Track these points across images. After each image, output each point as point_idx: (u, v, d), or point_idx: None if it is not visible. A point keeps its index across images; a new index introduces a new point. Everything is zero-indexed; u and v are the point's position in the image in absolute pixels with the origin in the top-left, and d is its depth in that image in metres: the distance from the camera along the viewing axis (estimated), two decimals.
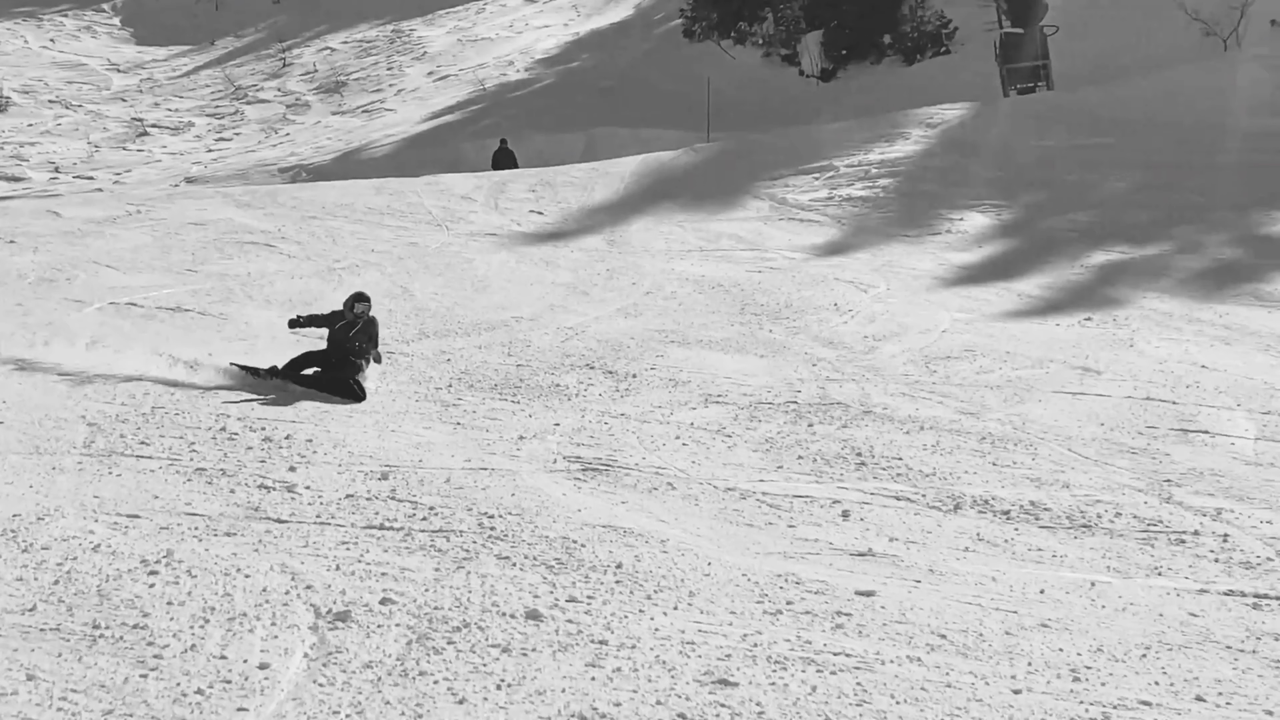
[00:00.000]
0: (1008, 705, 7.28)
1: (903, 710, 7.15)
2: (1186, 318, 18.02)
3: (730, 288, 20.38)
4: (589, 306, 19.49)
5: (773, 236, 24.43)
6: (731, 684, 7.39)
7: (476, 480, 11.51)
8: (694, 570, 9.36)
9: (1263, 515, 10.81)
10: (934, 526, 10.70)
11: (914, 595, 9.04)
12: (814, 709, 7.13)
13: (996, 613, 8.77)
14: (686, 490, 11.57)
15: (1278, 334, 16.99)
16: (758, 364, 16.12)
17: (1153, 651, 8.17)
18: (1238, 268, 20.77)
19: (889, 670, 7.69)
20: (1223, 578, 9.58)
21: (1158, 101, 30.86)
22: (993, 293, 19.99)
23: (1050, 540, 10.40)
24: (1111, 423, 13.48)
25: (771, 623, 8.41)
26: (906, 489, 11.62)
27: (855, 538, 10.39)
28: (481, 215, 26.67)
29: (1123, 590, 9.34)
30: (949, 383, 15.08)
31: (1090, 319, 18.09)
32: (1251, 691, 7.64)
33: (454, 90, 48.44)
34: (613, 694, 7.24)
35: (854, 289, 20.16)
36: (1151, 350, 16.31)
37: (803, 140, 31.70)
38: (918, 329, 17.67)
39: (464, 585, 8.89)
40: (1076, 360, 15.88)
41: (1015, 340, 17.04)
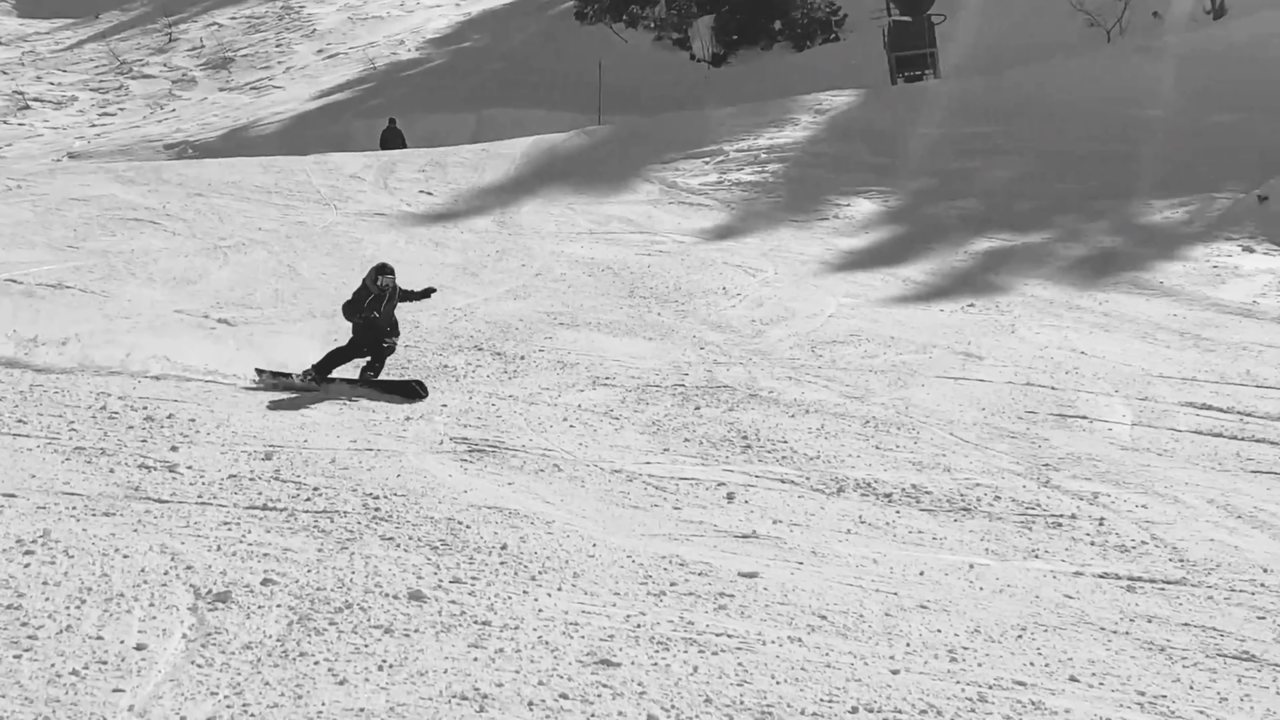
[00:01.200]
0: (885, 685, 7.36)
1: (783, 690, 7.21)
2: (1067, 305, 18.32)
3: (620, 271, 20.41)
4: (478, 288, 19.43)
5: (662, 220, 24.50)
6: (614, 664, 7.42)
7: (362, 461, 11.43)
8: (579, 552, 9.37)
9: (1138, 500, 11.02)
10: (817, 509, 10.80)
11: (796, 577, 9.12)
12: (695, 689, 7.17)
13: (877, 594, 8.87)
14: (573, 472, 11.57)
15: (1155, 321, 17.33)
16: (646, 347, 16.16)
17: (1028, 632, 8.30)
18: (1117, 256, 21.15)
19: (770, 651, 7.75)
20: (1098, 561, 9.76)
21: (1042, 91, 31.31)
22: (879, 278, 20.20)
23: (931, 523, 10.53)
24: (992, 408, 13.68)
25: (655, 604, 8.44)
26: (791, 472, 11.71)
27: (740, 520, 10.45)
28: (370, 195, 26.48)
29: (1000, 572, 9.48)
30: (834, 367, 15.21)
31: (973, 305, 18.34)
32: (1124, 672, 7.79)
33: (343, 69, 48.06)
34: (495, 675, 7.24)
35: (742, 273, 20.27)
36: (1032, 336, 16.56)
37: (693, 124, 31.80)
38: (804, 313, 17.81)
39: (347, 566, 8.83)
40: (959, 346, 16.09)
41: (900, 325, 17.24)
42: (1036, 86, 31.83)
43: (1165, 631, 8.42)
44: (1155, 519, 10.55)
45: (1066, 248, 21.81)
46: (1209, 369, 15.00)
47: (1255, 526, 10.39)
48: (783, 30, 44.49)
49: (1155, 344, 16.25)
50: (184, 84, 47.98)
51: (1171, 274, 19.97)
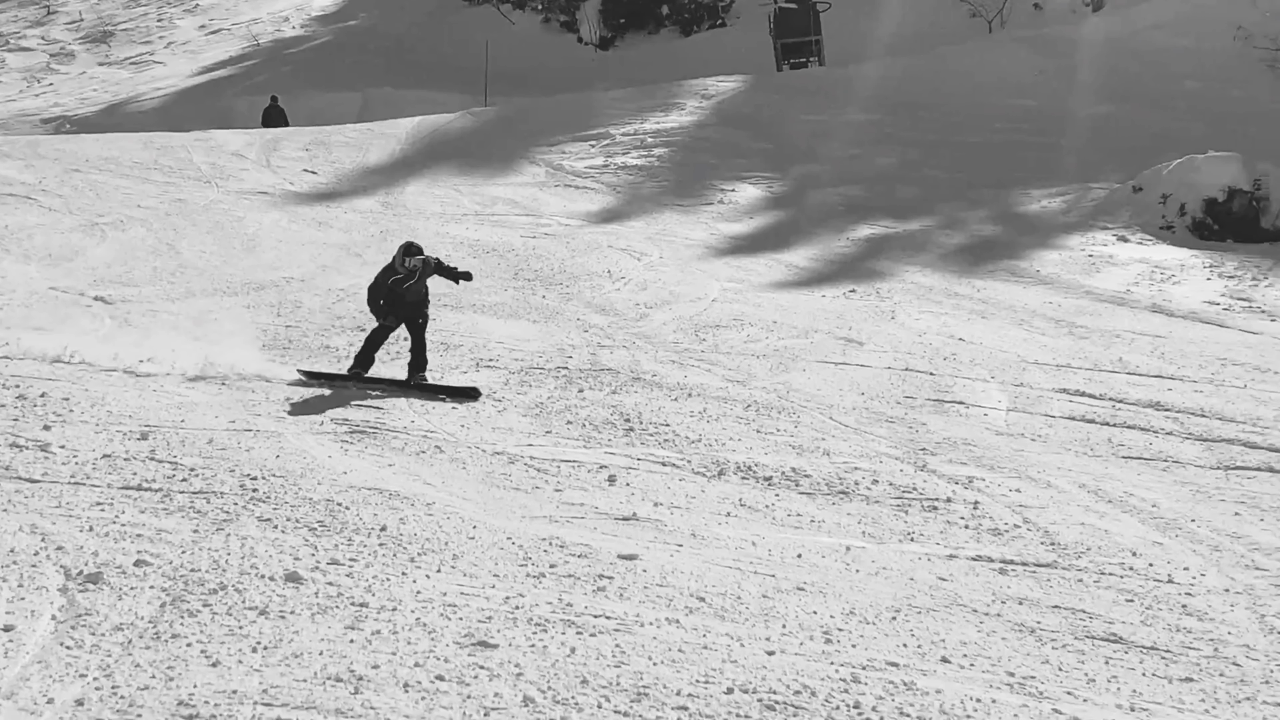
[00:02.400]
0: (761, 666, 7.43)
1: (659, 671, 7.25)
2: (946, 291, 18.55)
3: (505, 253, 20.36)
4: (361, 268, 19.24)
5: (548, 203, 24.47)
6: (491, 646, 7.41)
7: (240, 441, 11.31)
8: (459, 533, 9.35)
9: (1012, 484, 11.19)
10: (698, 492, 10.86)
11: (675, 559, 9.16)
12: (572, 670, 7.19)
13: (755, 576, 8.94)
14: (454, 454, 11.54)
15: (1031, 309, 17.60)
16: (530, 329, 16.14)
17: (902, 614, 8.41)
18: (995, 244, 21.46)
19: (647, 632, 7.79)
20: (972, 544, 9.90)
21: (925, 80, 31.65)
22: (762, 263, 20.32)
23: (809, 506, 10.63)
24: (871, 392, 13.82)
25: (534, 586, 8.45)
26: (673, 455, 11.76)
27: (621, 502, 10.48)
28: (253, 173, 26.16)
29: (876, 555, 9.59)
30: (717, 351, 15.29)
31: (854, 291, 18.51)
32: (995, 653, 7.92)
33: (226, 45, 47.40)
34: (371, 656, 7.21)
35: (627, 257, 20.30)
36: (912, 322, 16.75)
37: (580, 108, 31.76)
38: (688, 297, 17.88)
39: (223, 547, 8.74)
40: (840, 331, 16.23)
41: (782, 310, 17.36)
42: (919, 75, 32.15)
43: (1036, 613, 8.57)
44: (1028, 503, 10.73)
45: (946, 235, 22.09)
46: (1083, 356, 15.27)
47: (1125, 511, 10.59)
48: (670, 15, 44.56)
49: (1031, 331, 16.50)
50: (62, 58, 47.05)
51: (1048, 262, 20.29)
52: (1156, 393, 13.80)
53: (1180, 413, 13.14)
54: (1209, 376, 14.44)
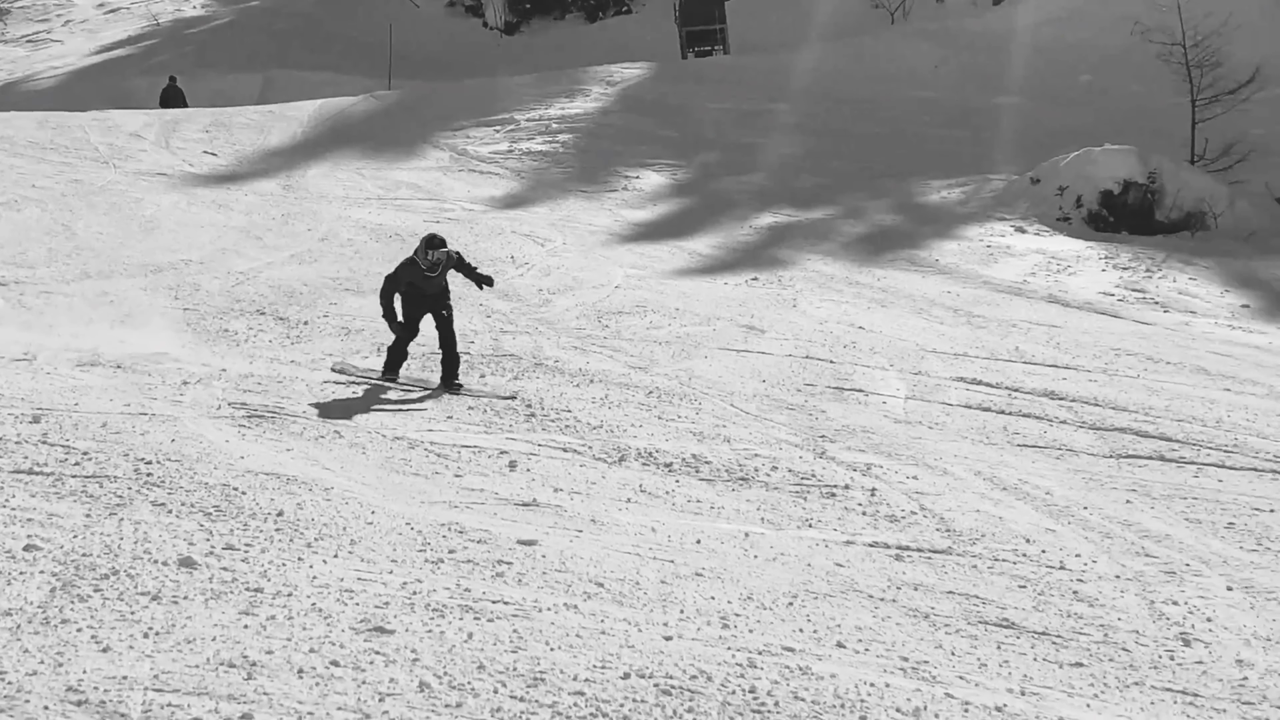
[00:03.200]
0: (658, 651, 7.45)
1: (556, 656, 7.26)
2: (847, 280, 18.68)
3: (408, 237, 20.22)
4: (262, 252, 19.12)
5: (452, 187, 24.38)
6: (388, 631, 7.38)
7: (135, 425, 11.17)
8: (357, 518, 9.30)
9: (909, 471, 11.30)
10: (599, 478, 10.86)
11: (575, 545, 9.17)
12: (469, 655, 7.17)
13: (654, 562, 8.97)
14: (354, 439, 11.47)
15: (930, 298, 17.77)
16: None
17: (799, 600, 8.47)
18: (896, 234, 21.64)
19: (546, 617, 7.79)
20: (869, 530, 9.99)
21: (828, 70, 31.85)
22: (665, 250, 20.37)
23: (709, 492, 10.67)
24: (772, 380, 13.89)
25: (432, 571, 8.42)
26: (574, 441, 11.76)
27: (521, 488, 10.47)
28: (151, 154, 25.84)
29: (775, 541, 9.65)
30: (619, 337, 15.30)
31: (757, 279, 18.60)
32: (889, 638, 8.00)
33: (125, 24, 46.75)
34: (265, 642, 7.14)
35: (531, 242, 20.27)
36: (813, 311, 16.86)
37: (484, 92, 31.66)
38: (591, 284, 17.88)
39: (115, 532, 8.63)
40: (742, 319, 16.30)
41: (685, 297, 17.40)
42: (822, 65, 32.35)
43: (930, 599, 8.66)
44: (925, 490, 10.84)
45: (848, 225, 22.25)
46: (980, 345, 15.44)
47: (1019, 498, 10.72)
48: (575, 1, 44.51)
49: (930, 320, 16.66)
50: None
51: (947, 252, 20.50)
52: (1051, 382, 13.99)
53: (1074, 402, 13.32)
54: (1103, 366, 14.65)
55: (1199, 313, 17.72)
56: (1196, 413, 12.96)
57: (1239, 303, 18.26)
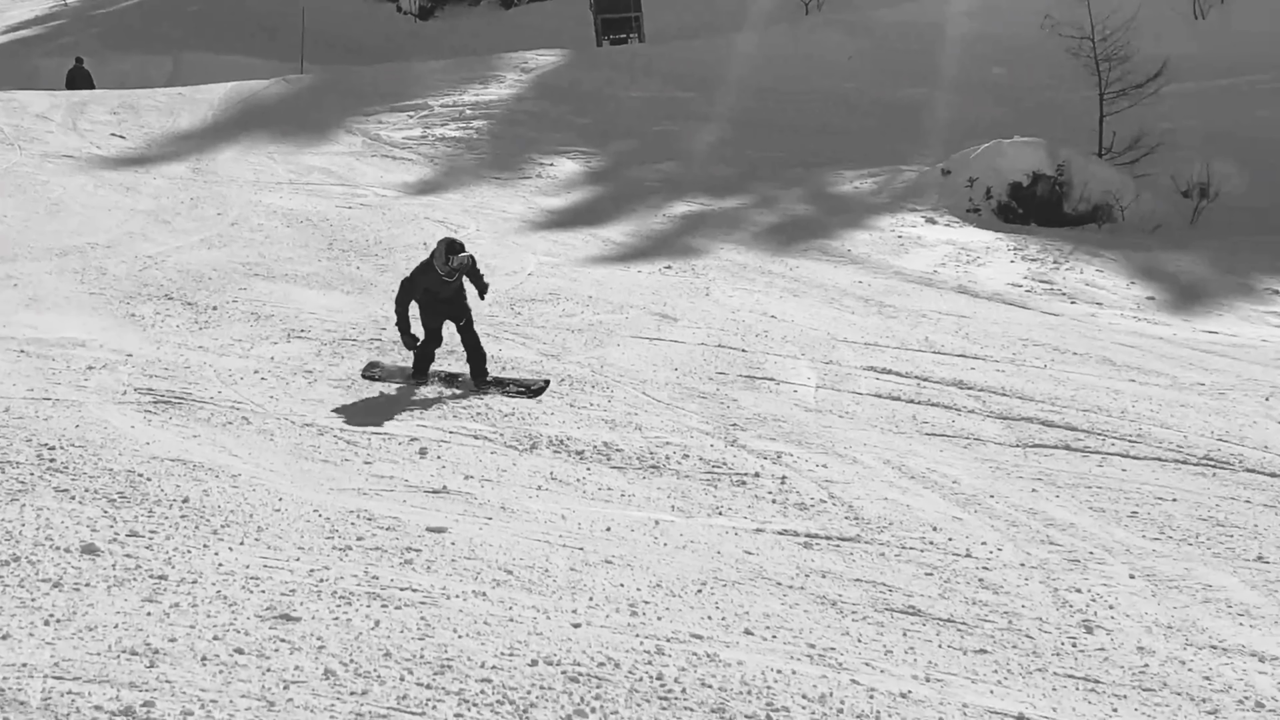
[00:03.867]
0: (566, 639, 7.46)
1: (464, 644, 7.24)
2: (759, 269, 18.74)
3: (319, 222, 20.10)
4: (170, 236, 18.89)
5: (364, 173, 24.22)
6: (294, 619, 7.33)
7: (39, 410, 11.02)
8: (264, 505, 9.23)
9: (819, 459, 11.36)
10: (509, 465, 10.85)
11: (484, 532, 9.15)
12: (375, 643, 7.15)
13: (564, 549, 8.97)
14: (262, 425, 11.38)
15: (842, 288, 17.86)
16: (344, 300, 15.96)
17: (708, 587, 8.50)
18: (808, 223, 21.73)
19: (454, 605, 7.77)
20: (778, 518, 10.03)
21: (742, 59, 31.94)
22: (579, 238, 20.34)
23: (620, 480, 10.68)
24: (685, 368, 13.91)
25: (340, 558, 8.38)
26: (485, 428, 11.73)
27: (431, 475, 10.44)
28: (58, 136, 25.47)
29: (685, 529, 9.67)
30: (532, 325, 15.26)
31: (670, 267, 18.61)
32: (797, 625, 8.05)
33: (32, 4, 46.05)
34: (168, 629, 7.08)
35: (444, 229, 20.14)
36: (725, 299, 16.89)
37: (398, 77, 31.48)
38: (505, 271, 17.81)
39: (17, 518, 8.52)
40: (655, 307, 16.31)
41: (598, 285, 17.38)
42: (737, 54, 32.43)
43: (838, 586, 8.72)
44: (834, 478, 10.90)
45: (761, 214, 22.31)
46: (890, 335, 15.54)
47: (927, 487, 10.81)
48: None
49: (841, 310, 16.75)
50: None
51: (859, 242, 20.61)
52: (960, 372, 14.11)
53: (982, 391, 13.44)
54: (1010, 356, 14.79)
55: (1105, 304, 17.94)
56: (1102, 403, 13.12)
57: (1144, 294, 18.51)
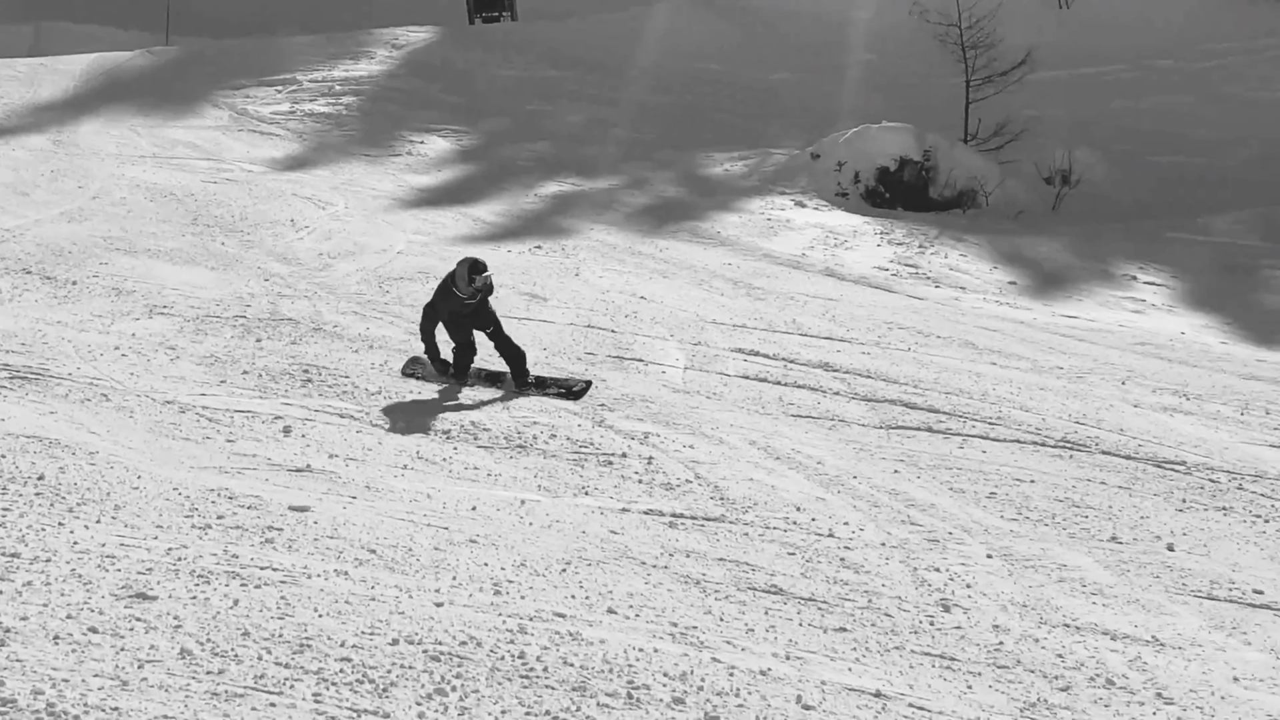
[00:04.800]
0: (429, 618, 7.43)
1: (324, 623, 7.19)
2: (629, 250, 18.77)
3: (183, 197, 19.82)
4: (29, 209, 18.51)
5: (231, 147, 23.91)
6: (150, 598, 7.23)
7: None
8: (122, 483, 9.08)
9: (686, 440, 11.41)
10: (375, 444, 10.77)
11: (348, 511, 9.08)
12: (234, 622, 7.07)
13: (428, 528, 8.93)
14: (122, 402, 11.19)
15: (711, 270, 17.94)
16: (208, 276, 15.75)
17: (573, 566, 8.51)
18: (678, 205, 21.81)
19: (315, 584, 7.70)
20: (644, 498, 10.07)
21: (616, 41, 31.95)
22: (449, 217, 20.24)
23: (487, 459, 10.65)
24: (554, 348, 13.90)
25: (199, 537, 8.27)
26: (351, 407, 11.64)
27: (295, 454, 10.34)
28: None
29: (550, 508, 9.68)
30: (401, 304, 15.16)
31: (540, 247, 18.58)
32: (660, 604, 8.09)
33: None
34: (20, 608, 6.94)
35: (312, 205, 19.96)
36: (595, 280, 16.91)
37: (266, 52, 31.09)
38: (374, 249, 17.68)
39: None
40: (525, 287, 16.28)
41: None
42: (610, 36, 32.42)
43: (702, 566, 8.77)
44: (701, 459, 10.96)
45: (631, 195, 22.35)
46: (758, 317, 15.64)
47: (792, 468, 10.91)
48: None
49: (710, 291, 16.83)
50: None
51: (728, 225, 20.72)
52: (826, 354, 14.24)
53: (848, 374, 13.59)
54: (876, 339, 14.96)
55: (969, 288, 18.20)
56: (963, 386, 13.31)
57: (1007, 279, 18.81)
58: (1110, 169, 24.32)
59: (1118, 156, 25.02)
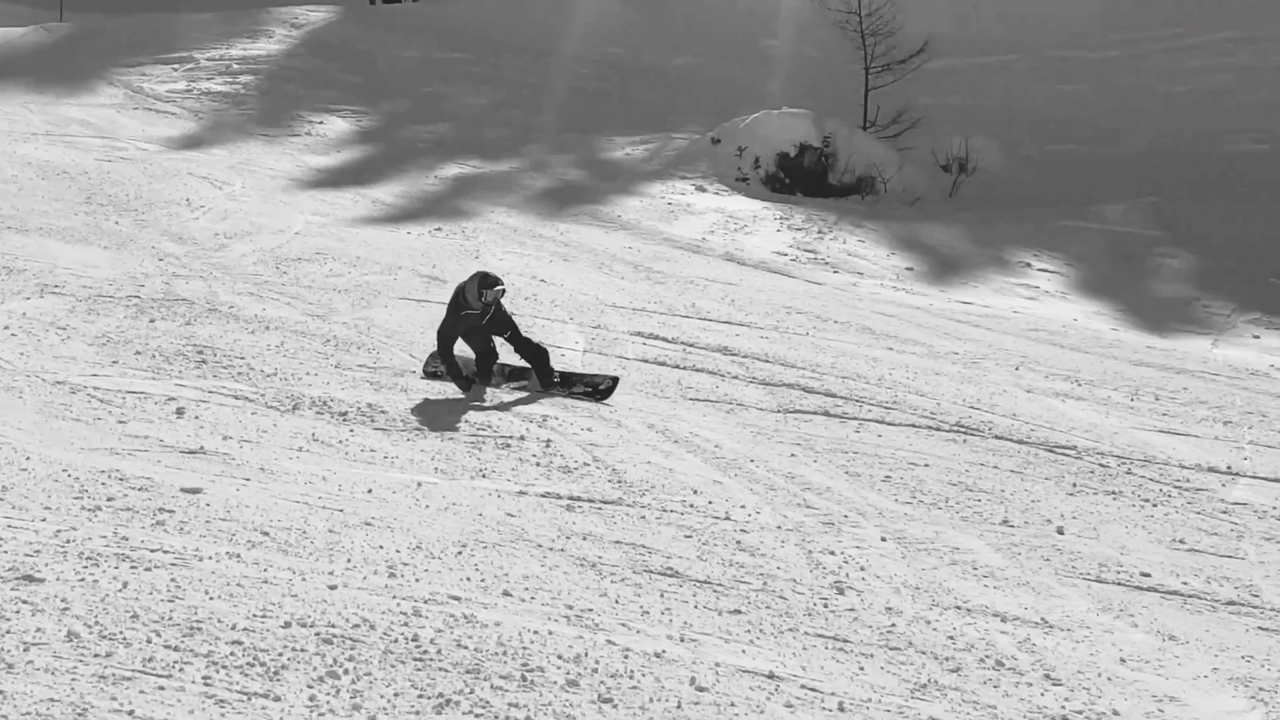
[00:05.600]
0: (322, 600, 7.38)
1: (215, 605, 7.12)
2: (530, 233, 18.74)
3: (77, 175, 19.54)
4: None
5: (126, 125, 23.59)
6: (37, 580, 7.13)
7: None
8: (10, 465, 8.95)
9: (583, 423, 11.41)
10: (270, 426, 10.68)
11: (242, 493, 9.00)
12: (123, 605, 6.98)
13: (323, 511, 8.87)
14: (10, 383, 11.03)
15: (611, 253, 17.96)
16: (101, 256, 15.54)
17: (468, 549, 8.49)
18: (579, 189, 21.80)
19: (206, 566, 7.63)
20: (542, 481, 10.06)
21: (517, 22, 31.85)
22: (348, 198, 20.10)
23: (384, 442, 10.59)
24: None
25: (89, 519, 8.16)
26: (246, 388, 11.53)
27: (188, 435, 10.23)
28: None
29: (447, 491, 9.64)
30: (298, 284, 15.04)
31: (440, 229, 18.50)
32: (555, 586, 8.09)
33: None
34: None
35: (208, 185, 19.75)
36: (495, 262, 16.83)
37: (163, 29, 30.70)
38: (271, 229, 17.52)
39: None
40: (424, 269, 16.21)
41: (367, 246, 17.20)
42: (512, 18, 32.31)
43: (598, 548, 8.78)
44: (599, 442, 10.96)
45: (532, 178, 22.32)
46: (658, 301, 15.68)
47: (690, 451, 10.94)
48: None
49: (610, 275, 16.84)
50: None
51: (629, 209, 20.74)
52: (725, 338, 14.30)
53: (746, 358, 13.65)
54: (774, 324, 15.05)
55: (866, 274, 18.35)
56: (860, 370, 13.43)
57: (904, 265, 18.98)
58: (1006, 157, 24.61)
59: (1014, 145, 25.32)
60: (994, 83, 29.60)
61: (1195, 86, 28.23)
